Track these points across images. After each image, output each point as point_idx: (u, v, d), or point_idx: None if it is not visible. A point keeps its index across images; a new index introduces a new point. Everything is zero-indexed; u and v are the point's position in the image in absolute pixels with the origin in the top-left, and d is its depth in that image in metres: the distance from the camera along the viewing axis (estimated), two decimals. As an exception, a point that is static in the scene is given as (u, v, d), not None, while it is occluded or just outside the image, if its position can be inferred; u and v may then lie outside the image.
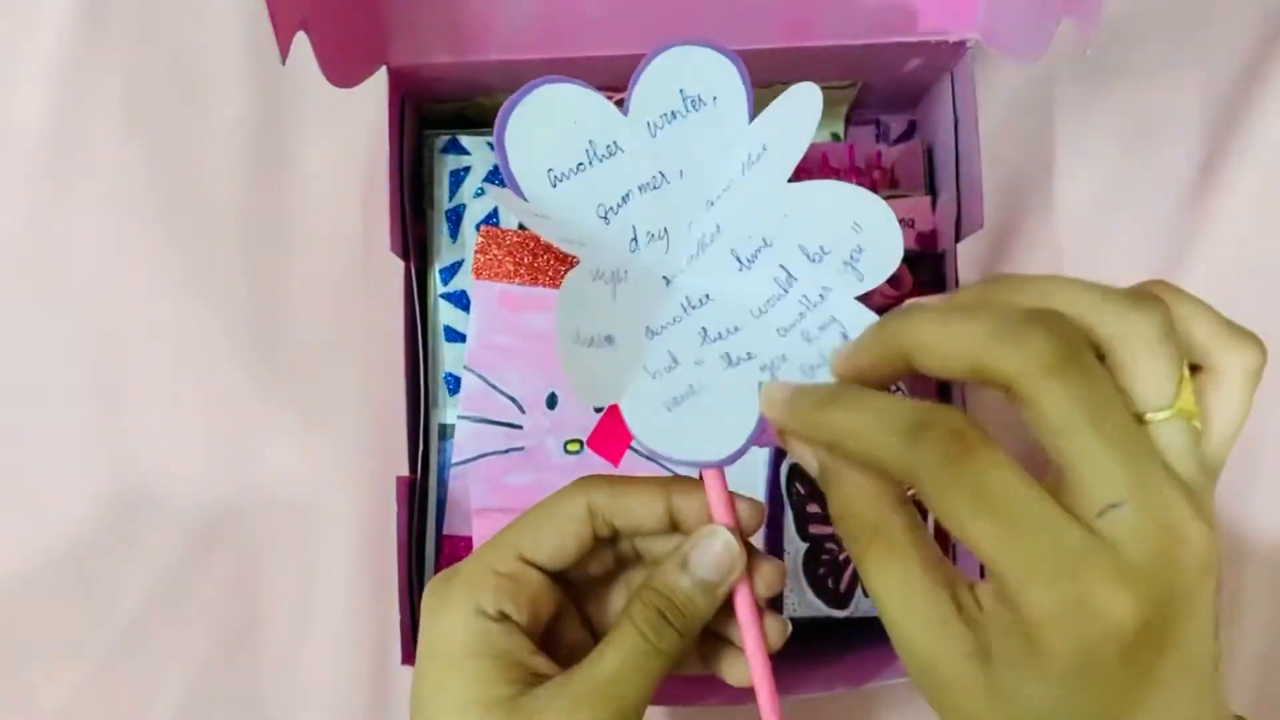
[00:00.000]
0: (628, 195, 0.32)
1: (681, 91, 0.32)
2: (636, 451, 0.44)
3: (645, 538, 0.35)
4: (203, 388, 0.52)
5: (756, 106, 0.51)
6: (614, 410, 0.33)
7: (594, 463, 0.46)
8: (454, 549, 0.46)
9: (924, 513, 0.29)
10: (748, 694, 0.36)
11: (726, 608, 0.33)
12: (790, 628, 0.34)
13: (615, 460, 0.33)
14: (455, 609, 0.32)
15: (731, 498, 0.33)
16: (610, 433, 0.33)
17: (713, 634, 0.34)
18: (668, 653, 0.32)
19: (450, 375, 0.47)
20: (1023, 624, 0.25)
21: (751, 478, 0.46)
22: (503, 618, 0.32)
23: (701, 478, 0.33)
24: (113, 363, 0.53)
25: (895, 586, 0.27)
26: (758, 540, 0.45)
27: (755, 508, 0.33)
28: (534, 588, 0.33)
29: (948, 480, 0.25)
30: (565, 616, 0.35)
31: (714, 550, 0.32)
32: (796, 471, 0.45)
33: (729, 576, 0.32)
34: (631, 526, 0.34)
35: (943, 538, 0.47)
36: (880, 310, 0.47)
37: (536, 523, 0.34)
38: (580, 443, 0.46)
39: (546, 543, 0.33)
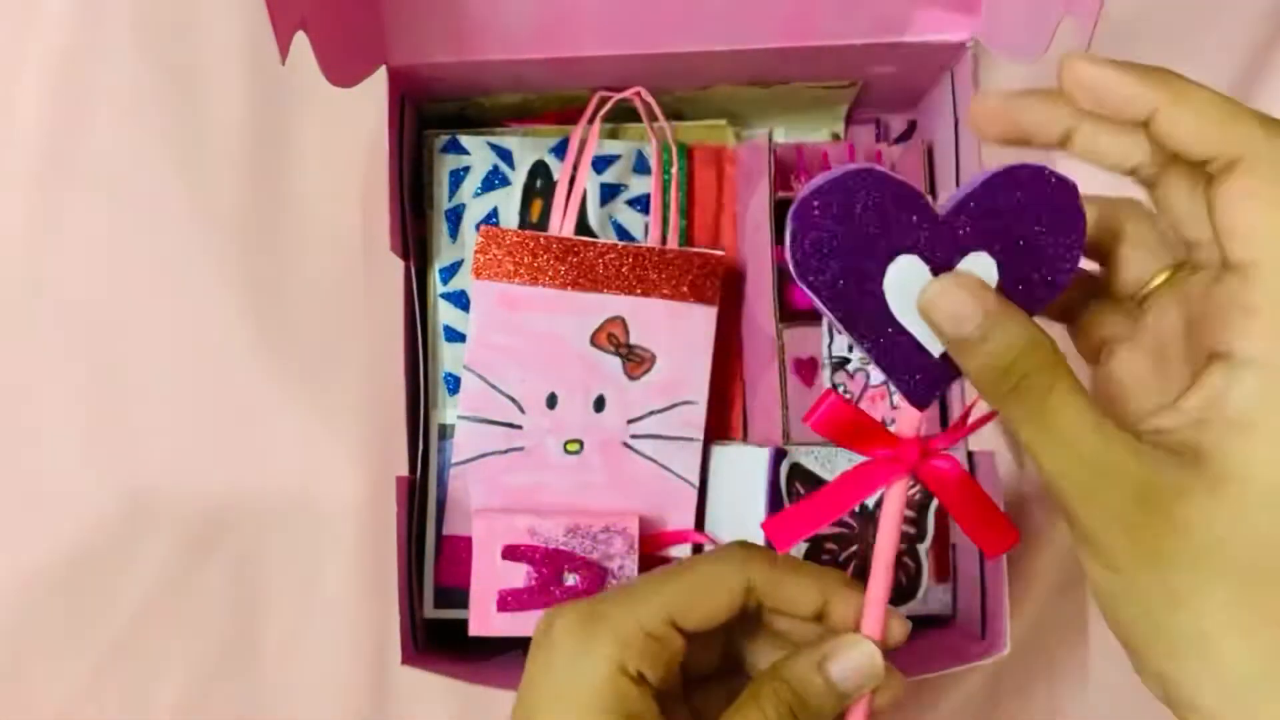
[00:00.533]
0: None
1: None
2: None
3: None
4: (202, 387, 0.52)
5: (756, 106, 0.51)
6: (802, 504, 0.32)
7: (592, 462, 0.46)
8: (454, 549, 0.46)
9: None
10: None
11: None
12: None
13: (783, 549, 0.33)
14: (600, 659, 0.31)
15: (886, 612, 0.32)
16: (792, 523, 0.33)
17: None
18: None
19: (450, 375, 0.47)
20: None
21: (752, 478, 0.46)
22: (641, 680, 0.31)
23: (868, 585, 0.32)
24: (112, 362, 0.53)
25: (1087, 417, 0.26)
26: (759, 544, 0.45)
27: (904, 627, 0.33)
28: (674, 652, 0.32)
29: None
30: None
31: (855, 660, 0.32)
32: (797, 471, 0.45)
33: (864, 688, 0.32)
34: (780, 609, 0.33)
35: (941, 543, 0.47)
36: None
37: (693, 588, 0.33)
38: (580, 443, 0.47)
39: (699, 611, 0.32)
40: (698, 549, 0.48)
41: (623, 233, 0.49)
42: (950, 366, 0.30)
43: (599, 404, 0.47)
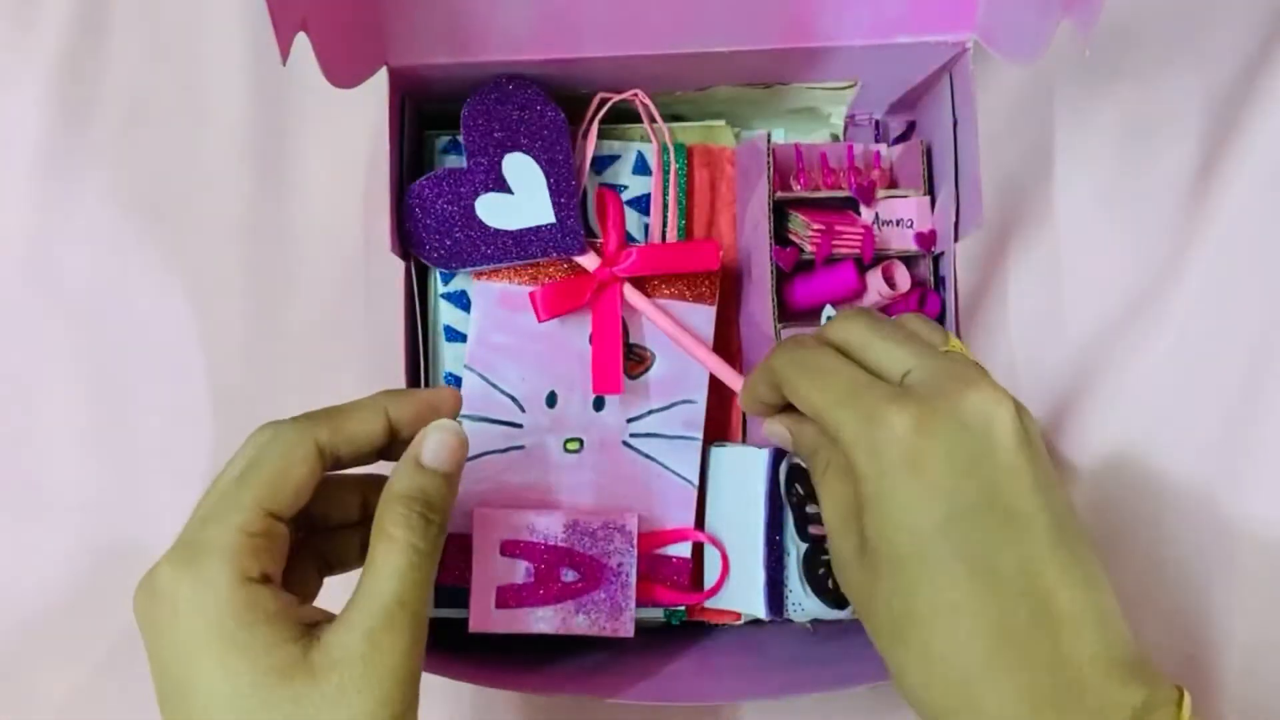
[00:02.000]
0: None
1: None
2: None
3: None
4: (202, 387, 0.53)
5: (756, 106, 0.51)
6: (596, 353, 0.40)
7: (592, 461, 0.47)
8: (454, 548, 0.46)
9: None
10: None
11: None
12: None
13: (619, 388, 0.42)
14: (220, 584, 0.31)
15: (431, 394, 0.37)
16: (607, 369, 0.40)
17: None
18: (434, 551, 0.33)
19: (450, 375, 0.47)
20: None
21: (751, 478, 0.46)
22: (266, 580, 0.32)
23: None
24: (112, 362, 0.53)
25: (838, 498, 0.36)
26: (759, 543, 0.45)
27: (452, 393, 0.37)
28: (282, 539, 0.33)
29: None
30: (302, 561, 0.36)
31: (437, 439, 0.35)
32: (796, 473, 0.45)
33: (461, 458, 0.35)
34: (355, 449, 0.35)
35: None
36: (877, 310, 0.47)
37: (272, 473, 0.33)
38: (580, 441, 0.47)
39: (286, 493, 0.33)
40: (698, 548, 0.48)
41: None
42: (558, 217, 0.45)
43: (598, 403, 0.47)
